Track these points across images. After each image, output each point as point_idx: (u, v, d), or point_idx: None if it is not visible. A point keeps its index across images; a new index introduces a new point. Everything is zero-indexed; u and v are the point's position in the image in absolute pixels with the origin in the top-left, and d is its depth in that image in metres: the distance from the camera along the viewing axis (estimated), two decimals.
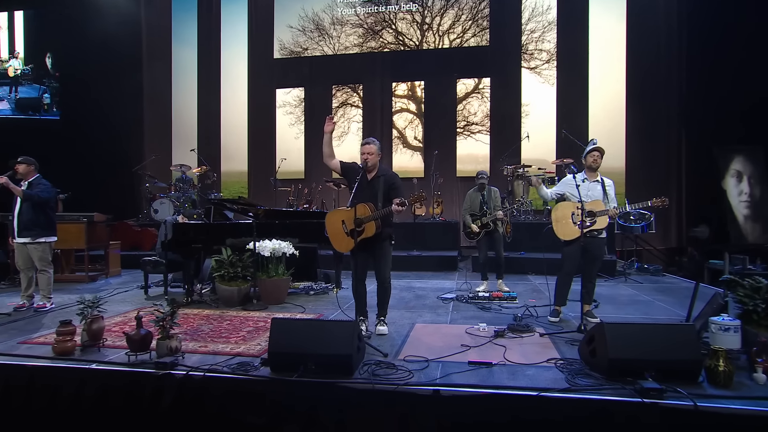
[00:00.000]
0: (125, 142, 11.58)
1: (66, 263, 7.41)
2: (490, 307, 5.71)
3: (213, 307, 5.62)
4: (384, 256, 4.48)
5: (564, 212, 5.02)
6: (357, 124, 11.86)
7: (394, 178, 4.54)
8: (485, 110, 11.43)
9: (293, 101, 12.09)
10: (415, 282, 7.44)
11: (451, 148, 11.43)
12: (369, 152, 4.45)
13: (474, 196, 6.67)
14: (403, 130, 11.75)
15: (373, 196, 4.42)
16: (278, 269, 5.87)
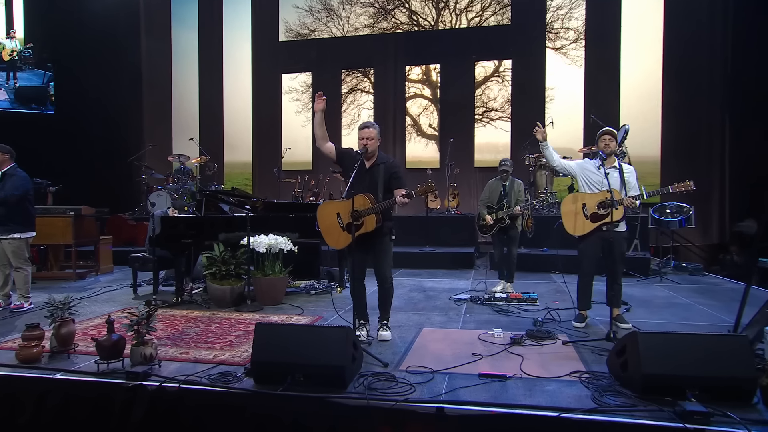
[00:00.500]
0: (123, 131, 11.48)
1: (54, 260, 7.28)
2: (507, 309, 5.38)
3: (204, 308, 5.41)
4: (384, 253, 4.22)
5: (574, 204, 4.65)
6: (368, 111, 11.57)
7: (395, 166, 4.28)
8: (506, 95, 11.02)
9: (300, 87, 11.85)
10: (426, 281, 7.17)
11: (469, 137, 11.07)
12: (368, 137, 4.17)
13: (494, 186, 6.29)
14: (417, 117, 11.42)
15: (373, 186, 4.16)
16: (275, 267, 5.64)
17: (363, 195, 4.11)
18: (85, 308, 5.38)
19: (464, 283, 6.96)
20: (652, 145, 9.99)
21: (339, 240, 4.19)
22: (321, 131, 4.17)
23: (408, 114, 11.42)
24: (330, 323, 4.84)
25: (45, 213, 6.94)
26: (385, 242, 4.24)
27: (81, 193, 10.51)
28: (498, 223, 6.16)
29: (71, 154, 10.93)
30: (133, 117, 11.91)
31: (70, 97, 11.48)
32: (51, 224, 6.93)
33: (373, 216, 4.10)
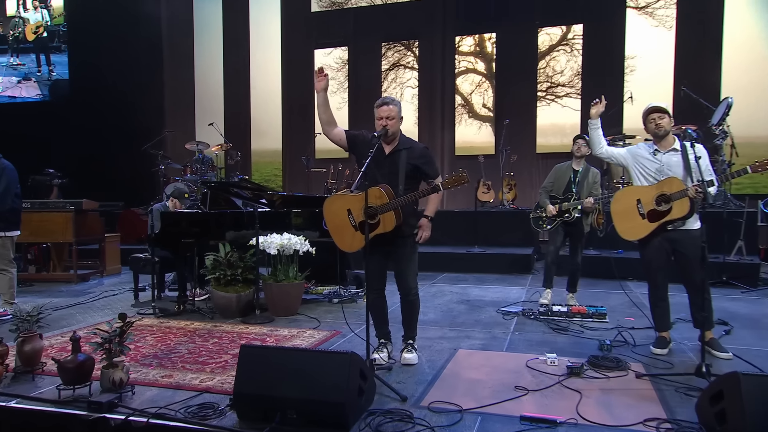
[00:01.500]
0: (141, 115, 11.56)
1: (58, 259, 7.29)
2: (566, 327, 4.84)
3: (207, 318, 5.20)
4: (407, 258, 3.85)
5: (627, 202, 4.04)
6: (412, 90, 11.18)
7: (422, 151, 3.88)
8: (575, 67, 10.30)
9: (335, 64, 11.57)
10: (472, 288, 6.77)
11: (530, 118, 10.46)
12: (388, 115, 3.78)
13: (563, 171, 5.60)
14: (469, 95, 10.95)
15: (393, 176, 3.77)
16: (288, 271, 5.36)
17: (378, 187, 3.73)
18: (74, 317, 5.29)
19: (517, 292, 6.48)
20: (761, 124, 8.98)
21: (352, 242, 3.82)
22: (326, 115, 3.82)
23: (458, 92, 10.97)
24: (348, 340, 4.48)
25: (43, 208, 6.96)
26: (408, 245, 3.86)
27: (94, 186, 10.70)
28: (560, 217, 5.54)
29: (85, 143, 11.12)
30: (152, 101, 12.00)
31: (86, 80, 11.68)
32: (50, 220, 6.94)
33: (392, 213, 3.70)
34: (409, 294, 3.93)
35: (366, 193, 3.64)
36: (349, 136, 3.89)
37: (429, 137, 11.01)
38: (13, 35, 13.44)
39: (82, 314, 5.43)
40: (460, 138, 10.90)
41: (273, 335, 4.63)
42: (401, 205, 3.67)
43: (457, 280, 7.29)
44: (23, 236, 6.94)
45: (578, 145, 5.53)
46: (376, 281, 3.96)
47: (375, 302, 3.99)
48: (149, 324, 4.98)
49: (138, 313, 5.35)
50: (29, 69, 13.12)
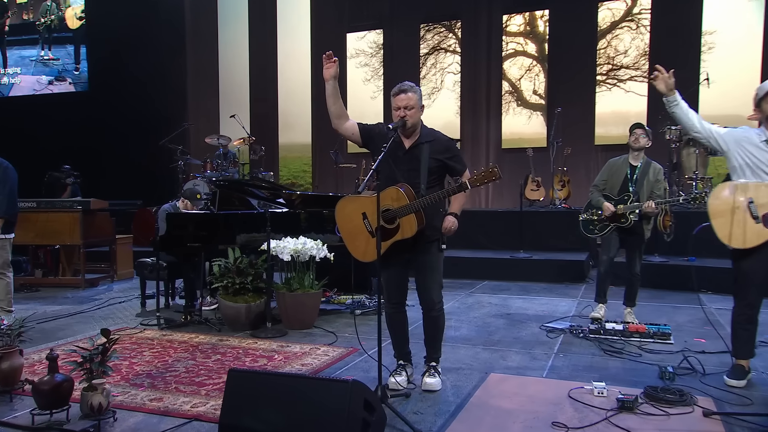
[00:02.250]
0: (162, 108, 11.65)
1: (67, 263, 7.34)
2: (621, 349, 4.47)
3: (214, 331, 5.09)
4: (430, 267, 3.63)
5: (731, 199, 3.58)
6: (453, 77, 10.90)
7: (447, 143, 3.66)
8: (641, 46, 9.77)
9: (369, 48, 11.40)
10: (514, 299, 6.48)
11: (588, 105, 10.00)
12: (407, 105, 3.55)
13: (618, 167, 5.18)
14: (518, 81, 10.58)
15: (413, 173, 3.54)
16: (304, 279, 5.19)
17: (396, 187, 3.49)
18: (71, 328, 5.28)
19: (566, 305, 6.14)
20: None
21: (366, 250, 3.60)
22: (336, 107, 3.60)
23: (506, 78, 10.60)
24: (365, 359, 4.27)
25: (49, 207, 6.99)
26: (432, 253, 3.63)
27: (112, 183, 10.88)
28: (615, 222, 5.12)
29: (103, 138, 11.27)
30: (174, 93, 12.09)
31: (105, 72, 11.86)
32: (56, 221, 6.99)
33: (413, 216, 3.46)
34: (433, 309, 3.70)
35: (378, 195, 3.40)
36: (364, 129, 3.68)
37: (472, 129, 10.71)
38: (44, 23, 13.04)
39: (82, 324, 5.41)
40: (507, 129, 10.56)
41: (282, 352, 4.45)
42: (423, 207, 3.42)
43: (499, 290, 7.03)
44: (29, 238, 7.12)
45: (635, 135, 5.10)
46: (394, 293, 3.77)
47: (393, 317, 3.80)
48: (150, 337, 4.89)
49: (141, 324, 5.29)
50: (64, 65, 12.91)
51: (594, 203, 5.25)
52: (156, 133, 10.01)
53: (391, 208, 3.50)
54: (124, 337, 4.83)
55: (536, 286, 7.21)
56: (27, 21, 13.43)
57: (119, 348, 4.51)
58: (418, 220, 3.48)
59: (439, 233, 3.62)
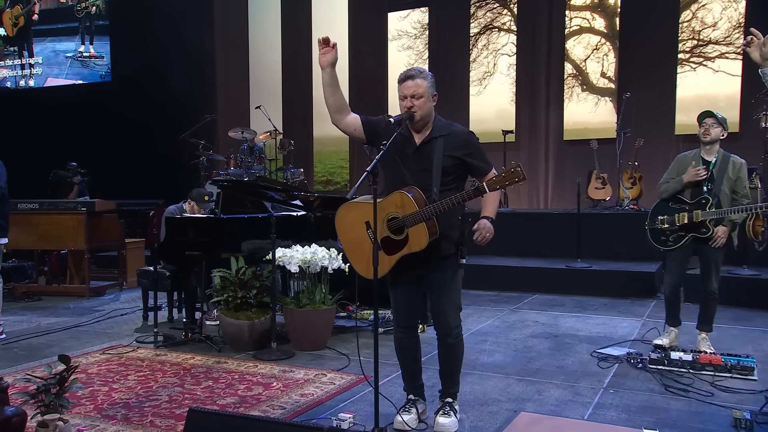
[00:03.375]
0: (188, 98, 11.72)
1: (76, 269, 7.41)
2: (688, 385, 4.05)
3: (213, 351, 4.97)
4: (446, 286, 3.40)
5: None
6: (508, 59, 10.51)
7: (465, 137, 3.40)
8: (735, 17, 9.15)
9: (412, 29, 11.18)
10: (566, 318, 6.13)
11: (667, 88, 9.44)
12: (414, 93, 3.33)
13: (688, 163, 4.70)
14: (584, 62, 10.10)
15: (425, 173, 3.31)
16: (315, 294, 5.00)
17: (402, 192, 3.26)
18: (61, 344, 5.24)
19: (628, 326, 5.74)
20: None
21: (372, 265, 3.31)
22: (334, 98, 3.40)
23: (569, 59, 10.14)
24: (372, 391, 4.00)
25: (51, 209, 7.08)
26: (448, 269, 3.39)
27: (131, 181, 11.02)
28: (693, 231, 4.64)
29: (124, 132, 11.42)
30: (201, 82, 12.15)
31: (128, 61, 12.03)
32: (59, 224, 7.04)
33: (422, 226, 3.21)
34: (449, 335, 3.45)
35: (374, 202, 3.16)
36: (367, 123, 3.48)
37: (530, 118, 10.30)
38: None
39: (74, 340, 5.37)
40: (570, 118, 10.09)
41: (283, 379, 4.26)
42: (435, 214, 3.16)
43: (549, 305, 6.70)
44: (31, 242, 7.21)
45: (705, 126, 4.61)
46: (404, 316, 3.56)
47: (403, 344, 3.58)
48: (142, 357, 4.79)
49: (137, 341, 5.22)
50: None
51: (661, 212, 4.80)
52: (181, 127, 10.04)
53: (398, 216, 3.26)
54: (113, 357, 4.75)
55: (595, 301, 6.82)
56: (64, 5, 13.09)
57: (103, 370, 4.43)
58: (429, 230, 3.22)
59: (457, 246, 3.37)
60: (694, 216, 4.57)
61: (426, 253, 3.27)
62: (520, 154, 10.32)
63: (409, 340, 3.54)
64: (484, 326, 5.70)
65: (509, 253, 8.07)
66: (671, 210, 4.70)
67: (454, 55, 10.73)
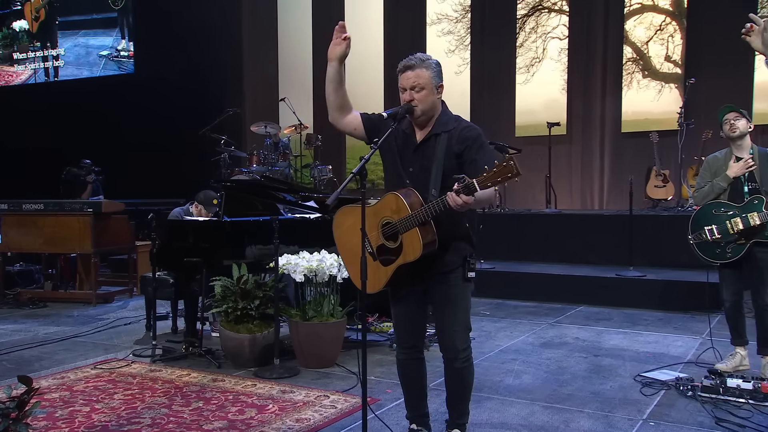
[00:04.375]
0: (214, 89, 11.78)
1: (86, 274, 7.46)
2: (745, 419, 3.76)
3: (213, 367, 4.90)
4: (453, 303, 3.25)
5: None
6: (559, 43, 10.22)
7: (467, 132, 3.23)
8: None
9: (453, 13, 10.99)
10: (612, 334, 5.88)
11: (742, 73, 9.01)
12: (416, 84, 3.18)
13: (721, 164, 4.55)
14: (645, 45, 9.76)
15: (423, 174, 3.17)
16: (322, 305, 4.89)
17: (396, 194, 3.13)
18: (53, 357, 5.23)
19: (683, 345, 5.46)
20: None
21: (372, 277, 3.15)
22: (337, 96, 3.27)
23: (628, 41, 9.82)
24: (385, 412, 3.95)
25: (57, 210, 7.15)
26: (453, 283, 3.22)
27: (152, 179, 11.10)
28: (753, 237, 4.32)
29: (147, 127, 11.55)
30: (226, 73, 12.20)
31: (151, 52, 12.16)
32: (65, 226, 7.08)
33: (415, 231, 3.04)
34: (456, 359, 3.28)
35: (363, 205, 3.02)
36: (368, 121, 3.36)
37: (584, 108, 9.98)
38: None
39: (69, 352, 5.36)
40: (629, 107, 9.75)
41: (280, 400, 4.14)
42: (430, 216, 2.99)
43: (595, 319, 6.46)
44: (36, 245, 7.31)
45: (728, 122, 4.51)
46: (405, 334, 3.42)
47: (405, 367, 3.44)
48: (134, 372, 4.75)
49: (133, 354, 5.20)
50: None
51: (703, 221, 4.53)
52: (205, 122, 10.10)
53: (392, 221, 3.11)
54: (104, 373, 4.71)
55: (648, 315, 6.53)
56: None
57: (90, 388, 4.40)
58: (422, 236, 3.04)
59: (463, 258, 3.20)
60: (750, 219, 4.31)
61: (426, 265, 3.12)
62: (572, 148, 10.06)
63: (413, 362, 3.39)
64: (516, 342, 5.47)
65: (552, 260, 7.86)
66: (718, 218, 4.47)
67: (498, 40, 10.50)
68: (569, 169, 10.06)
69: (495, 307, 6.95)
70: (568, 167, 10.07)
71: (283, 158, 9.31)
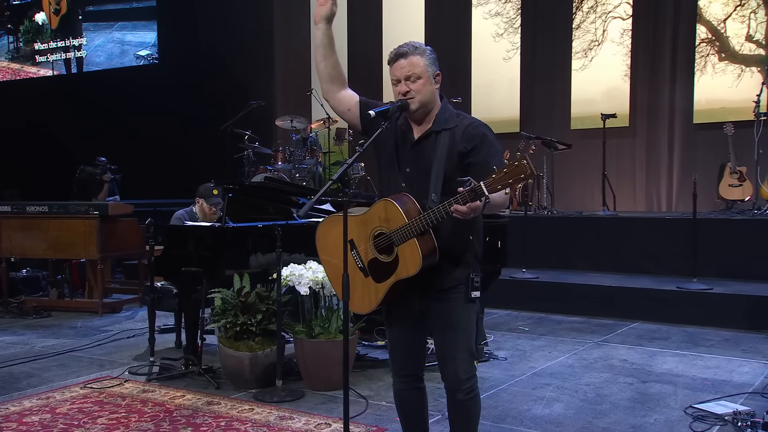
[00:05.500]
0: (246, 82, 11.83)
1: (96, 281, 7.52)
2: None
3: (211, 388, 4.83)
4: (454, 325, 3.09)
5: None
6: (621, 23, 10.09)
7: (473, 129, 3.03)
8: None
9: None
10: (667, 356, 5.66)
11: None
12: (411, 74, 3.03)
13: None
14: (722, 24, 9.57)
15: (421, 176, 3.04)
16: (330, 321, 4.81)
17: (387, 200, 2.98)
18: (45, 374, 5.26)
19: (751, 371, 5.21)
20: None
21: (363, 296, 3.07)
22: (327, 64, 3.18)
23: (702, 20, 9.65)
24: None
25: (61, 213, 7.24)
26: (454, 302, 3.06)
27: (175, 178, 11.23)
28: None
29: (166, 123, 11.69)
30: (256, 63, 12.31)
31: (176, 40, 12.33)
32: (70, 229, 7.16)
33: (414, 243, 2.88)
34: (458, 389, 3.11)
35: (345, 213, 2.89)
36: (366, 106, 3.18)
37: (649, 97, 9.77)
38: None
39: (63, 369, 5.38)
40: (702, 95, 9.54)
41: (276, 428, 4.06)
42: (430, 225, 2.84)
43: (649, 338, 6.23)
44: (40, 250, 7.43)
45: None
46: (402, 361, 3.25)
47: (403, 398, 3.30)
48: (125, 393, 4.71)
49: (129, 371, 5.19)
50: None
51: None
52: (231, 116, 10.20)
53: (385, 231, 2.96)
54: (93, 393, 4.70)
55: (713, 335, 6.28)
56: None
57: (74, 410, 4.39)
58: (422, 248, 2.87)
59: (466, 274, 3.03)
60: None
61: (425, 281, 2.96)
62: (636, 142, 9.87)
63: (411, 392, 3.24)
64: (553, 364, 5.29)
65: (605, 269, 7.68)
66: None
67: (552, 22, 10.39)
68: (632, 166, 9.86)
69: (536, 322, 6.78)
70: (631, 164, 9.87)
71: (311, 155, 9.27)
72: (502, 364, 5.29)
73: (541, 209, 8.83)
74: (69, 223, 7.21)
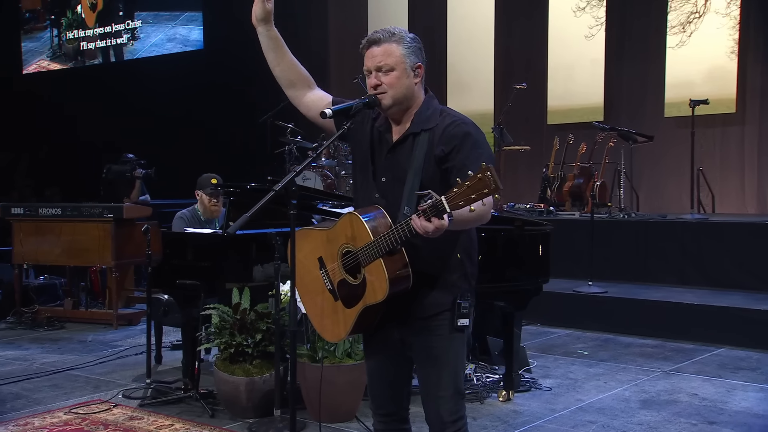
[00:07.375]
0: None
1: (117, 289, 7.61)
2: None
3: (205, 416, 4.81)
4: (437, 359, 3.00)
5: None
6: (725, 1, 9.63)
7: (455, 129, 2.90)
8: None
9: None
10: (750, 390, 5.34)
11: None
12: (383, 64, 2.94)
13: None
14: None
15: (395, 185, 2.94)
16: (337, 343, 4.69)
17: (354, 213, 2.92)
18: (36, 395, 5.35)
19: None
20: None
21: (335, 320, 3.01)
22: (280, 67, 3.22)
23: None
24: None
25: (75, 216, 7.35)
26: (438, 331, 2.95)
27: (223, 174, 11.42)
28: None
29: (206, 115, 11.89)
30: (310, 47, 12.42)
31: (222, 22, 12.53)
32: (84, 234, 7.28)
33: (379, 264, 2.76)
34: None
35: (293, 233, 2.90)
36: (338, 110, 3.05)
37: (762, 78, 9.37)
38: None
39: (56, 389, 5.46)
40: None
41: None
42: (400, 243, 2.71)
43: (734, 367, 5.87)
44: (53, 256, 7.59)
45: None
46: (380, 398, 3.17)
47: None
48: (109, 420, 4.76)
49: (123, 394, 5.25)
50: None
51: None
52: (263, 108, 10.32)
53: (352, 249, 2.86)
54: (76, 419, 4.76)
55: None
56: None
57: None
58: (388, 269, 2.74)
59: (453, 299, 2.91)
60: None
61: (402, 308, 2.86)
62: (745, 131, 9.45)
63: None
64: (605, 398, 5.06)
65: (689, 283, 7.35)
66: None
67: (640, 6, 10.19)
68: (740, 161, 9.40)
69: (599, 344, 6.53)
70: (740, 157, 9.40)
71: None
72: (544, 395, 5.09)
73: (619, 211, 8.51)
74: (82, 226, 7.37)
